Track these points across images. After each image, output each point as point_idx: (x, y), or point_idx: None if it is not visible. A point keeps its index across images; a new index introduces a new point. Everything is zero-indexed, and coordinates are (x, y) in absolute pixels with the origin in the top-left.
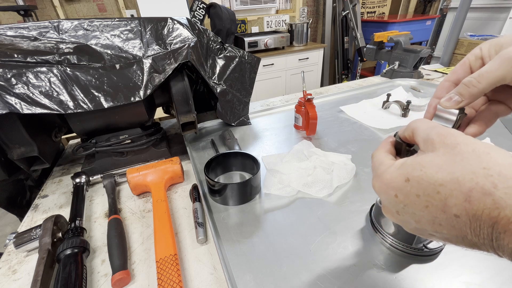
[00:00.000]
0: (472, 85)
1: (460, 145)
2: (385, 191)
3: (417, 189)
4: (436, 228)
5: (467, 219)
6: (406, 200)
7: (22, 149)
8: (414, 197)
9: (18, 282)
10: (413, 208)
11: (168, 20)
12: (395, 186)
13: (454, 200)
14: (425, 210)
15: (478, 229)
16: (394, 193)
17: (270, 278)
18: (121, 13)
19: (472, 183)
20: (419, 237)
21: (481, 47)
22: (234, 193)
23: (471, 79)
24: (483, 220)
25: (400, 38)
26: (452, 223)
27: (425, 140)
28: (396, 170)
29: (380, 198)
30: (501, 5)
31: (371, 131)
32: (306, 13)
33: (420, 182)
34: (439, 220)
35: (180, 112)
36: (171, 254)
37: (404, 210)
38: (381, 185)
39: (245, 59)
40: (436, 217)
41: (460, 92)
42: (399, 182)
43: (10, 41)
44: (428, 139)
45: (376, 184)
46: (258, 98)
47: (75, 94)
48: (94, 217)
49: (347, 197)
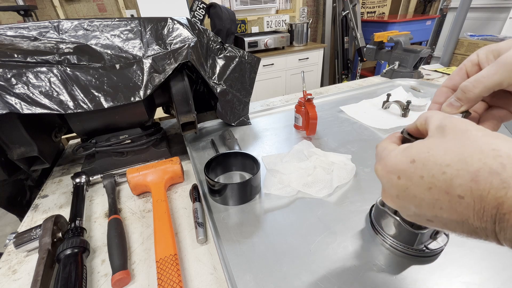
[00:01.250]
0: (468, 90)
1: (471, 130)
2: (388, 174)
3: (421, 170)
4: (436, 212)
5: (471, 200)
6: (408, 183)
7: (22, 149)
8: (417, 179)
9: (18, 282)
10: (415, 190)
11: (168, 20)
12: (398, 168)
13: (459, 180)
14: (427, 192)
15: (482, 211)
16: (397, 175)
17: (270, 278)
18: (121, 13)
19: (480, 163)
20: (421, 238)
21: (478, 53)
22: (234, 193)
23: (467, 83)
24: (488, 201)
25: (400, 38)
26: (454, 205)
27: (437, 126)
28: (401, 153)
29: (381, 181)
30: (501, 5)
31: (371, 131)
32: (306, 13)
33: (426, 163)
34: (440, 203)
35: (180, 112)
36: (171, 254)
37: (405, 194)
38: (383, 167)
39: (245, 59)
40: (438, 200)
41: (458, 97)
42: (403, 164)
43: (10, 41)
44: (441, 125)
45: (378, 167)
46: (258, 98)
47: (75, 94)
48: (94, 217)
49: (347, 197)
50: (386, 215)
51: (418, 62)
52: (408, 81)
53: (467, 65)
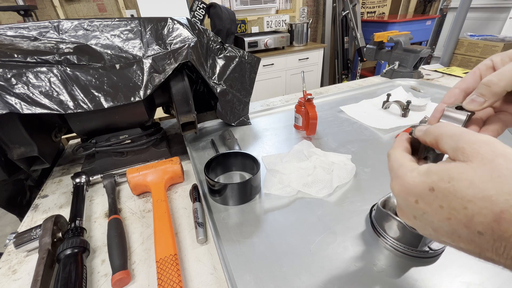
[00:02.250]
0: (494, 83)
1: (499, 158)
2: (406, 195)
3: (441, 201)
4: (454, 239)
5: (491, 238)
6: (427, 208)
7: (22, 149)
8: (436, 207)
9: (18, 282)
10: (433, 217)
11: (168, 20)
12: (417, 193)
13: (481, 218)
14: (446, 222)
15: (502, 249)
16: (415, 199)
17: (270, 278)
18: (121, 13)
19: (506, 205)
20: (424, 240)
21: (492, 58)
22: (234, 193)
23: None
24: (509, 241)
25: (400, 38)
26: (473, 238)
27: (454, 149)
28: (420, 177)
29: (397, 200)
30: (501, 5)
31: (371, 131)
32: (306, 13)
33: (447, 195)
34: (459, 233)
35: (180, 112)
36: (171, 254)
37: (422, 217)
38: (401, 188)
39: (245, 59)
40: (456, 230)
41: (481, 93)
42: (422, 190)
43: (10, 41)
44: (458, 147)
45: (395, 187)
46: (258, 98)
47: (75, 94)
48: (94, 217)
49: (347, 197)
50: (389, 218)
51: (418, 62)
52: (408, 81)
53: (481, 69)
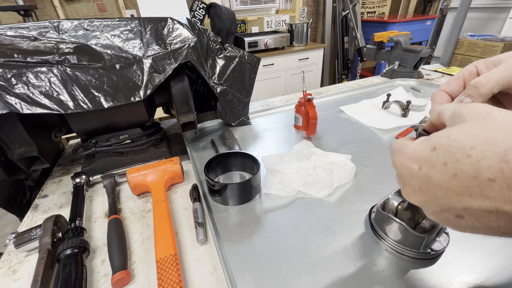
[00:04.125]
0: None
1: (492, 112)
2: (408, 164)
3: (444, 157)
4: (466, 201)
5: (503, 182)
6: (431, 171)
7: (22, 149)
8: (440, 166)
9: (18, 282)
10: (439, 179)
11: (168, 20)
12: (419, 158)
13: (487, 162)
14: (453, 180)
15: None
16: (418, 166)
17: (270, 278)
18: (121, 13)
19: (507, 143)
20: (426, 242)
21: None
22: (234, 193)
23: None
24: None
25: (400, 38)
26: (485, 191)
27: (452, 115)
28: (420, 143)
29: (401, 175)
30: (501, 5)
31: (371, 131)
32: (306, 13)
33: (448, 149)
34: (469, 190)
35: (180, 112)
36: (171, 254)
37: (428, 185)
38: (403, 158)
39: (245, 59)
40: (466, 187)
41: (469, 94)
42: (424, 152)
43: (10, 41)
44: (456, 113)
45: (397, 159)
46: (258, 98)
47: (75, 94)
48: (94, 217)
49: (347, 197)
50: (390, 221)
51: (418, 62)
52: (408, 81)
53: (465, 74)
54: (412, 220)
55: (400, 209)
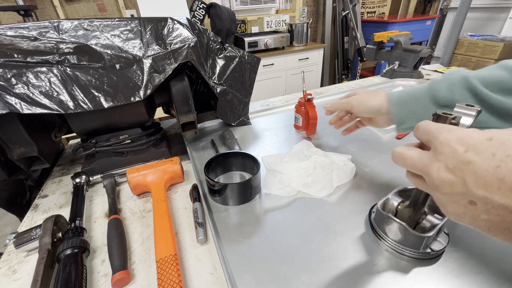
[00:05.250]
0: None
1: None
2: (456, 144)
3: (496, 148)
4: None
5: None
6: (475, 158)
7: (22, 149)
8: (487, 155)
9: (18, 282)
10: (479, 167)
11: (168, 20)
12: (469, 142)
13: None
14: (493, 171)
15: None
16: (465, 149)
17: (270, 278)
18: (121, 13)
19: None
20: (427, 242)
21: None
22: (234, 193)
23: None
24: None
25: (400, 38)
26: None
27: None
28: (476, 131)
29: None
30: (501, 5)
31: (371, 131)
32: (306, 13)
33: (505, 143)
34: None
35: (180, 112)
36: (171, 254)
37: (464, 168)
38: (452, 137)
39: (245, 59)
40: (501, 180)
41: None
42: (478, 139)
43: (10, 41)
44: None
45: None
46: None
47: (75, 94)
48: (94, 217)
49: (347, 197)
50: (390, 221)
51: (418, 62)
52: (408, 81)
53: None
54: (412, 220)
55: (400, 209)
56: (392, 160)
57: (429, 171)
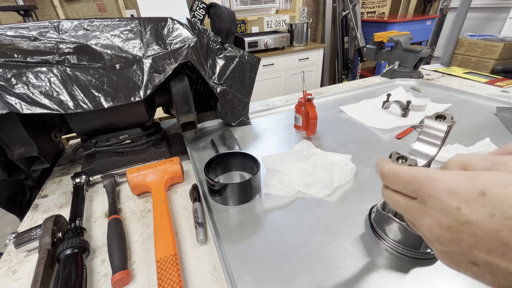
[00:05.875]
0: None
1: None
2: (447, 198)
3: (493, 208)
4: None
5: None
6: (471, 217)
7: (22, 149)
8: (485, 216)
9: (18, 282)
10: (478, 229)
11: (168, 20)
12: (461, 196)
13: None
14: (494, 234)
15: None
16: (457, 205)
17: (270, 278)
18: (121, 13)
19: None
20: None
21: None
22: (234, 193)
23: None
24: None
25: (400, 38)
26: None
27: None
28: (463, 179)
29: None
30: (501, 5)
31: (371, 131)
32: (306, 13)
33: (502, 202)
34: (506, 249)
35: (180, 112)
36: (171, 254)
37: (462, 228)
38: (439, 190)
39: (245, 59)
40: (504, 246)
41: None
42: (468, 193)
43: (10, 41)
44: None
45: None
46: (258, 98)
47: (75, 94)
48: (94, 217)
49: (347, 197)
50: (390, 221)
51: (418, 62)
52: (408, 81)
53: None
54: None
55: None
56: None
57: (419, 225)
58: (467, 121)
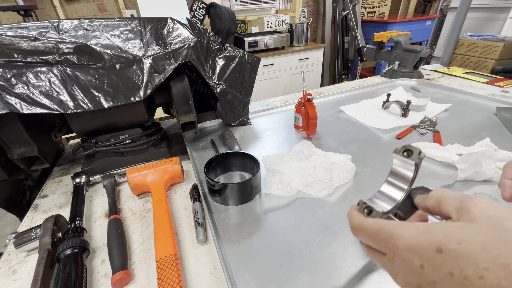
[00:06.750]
0: None
1: (507, 222)
2: (409, 257)
3: (451, 267)
4: None
5: None
6: (434, 276)
7: (22, 149)
8: (445, 275)
9: (18, 282)
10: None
11: (168, 20)
12: (421, 254)
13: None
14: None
15: None
16: (420, 263)
17: (270, 278)
18: (121, 13)
19: None
20: None
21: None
22: (234, 193)
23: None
24: None
25: (400, 38)
26: None
27: (458, 209)
28: (421, 234)
29: (397, 262)
30: (501, 5)
31: (371, 131)
32: (306, 13)
33: (458, 259)
34: None
35: (180, 112)
36: (171, 254)
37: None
38: (401, 248)
39: (245, 59)
40: None
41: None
42: (427, 251)
43: (10, 41)
44: (463, 207)
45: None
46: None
47: (75, 94)
48: (94, 217)
49: (347, 197)
50: None
51: (418, 62)
52: (408, 81)
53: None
54: None
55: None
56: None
57: (396, 281)
58: (467, 121)
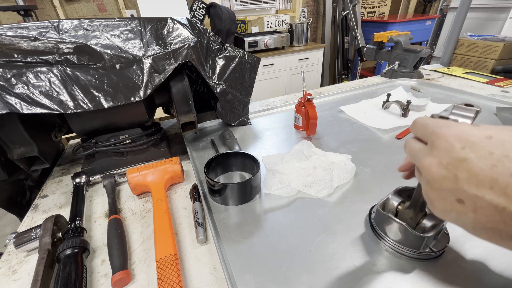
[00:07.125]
0: None
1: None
2: (452, 140)
3: (495, 147)
4: (482, 191)
5: None
6: (471, 155)
7: (22, 149)
8: (484, 153)
9: (18, 282)
10: (474, 164)
11: (168, 20)
12: (469, 140)
13: None
14: (488, 169)
15: None
16: (462, 145)
17: (270, 278)
18: (121, 13)
19: None
20: (427, 242)
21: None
22: (234, 193)
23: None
24: None
25: (400, 38)
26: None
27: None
28: (476, 128)
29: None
30: (501, 5)
31: (371, 131)
32: (306, 13)
33: (504, 142)
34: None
35: (180, 112)
36: (171, 254)
37: (457, 164)
38: (450, 133)
39: (245, 59)
40: (494, 180)
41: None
42: (477, 137)
43: (10, 41)
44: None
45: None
46: (258, 98)
47: (75, 94)
48: (94, 217)
49: (347, 197)
50: (390, 221)
51: (418, 62)
52: (408, 81)
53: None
54: (412, 220)
55: (400, 209)
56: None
57: (421, 165)
58: None
